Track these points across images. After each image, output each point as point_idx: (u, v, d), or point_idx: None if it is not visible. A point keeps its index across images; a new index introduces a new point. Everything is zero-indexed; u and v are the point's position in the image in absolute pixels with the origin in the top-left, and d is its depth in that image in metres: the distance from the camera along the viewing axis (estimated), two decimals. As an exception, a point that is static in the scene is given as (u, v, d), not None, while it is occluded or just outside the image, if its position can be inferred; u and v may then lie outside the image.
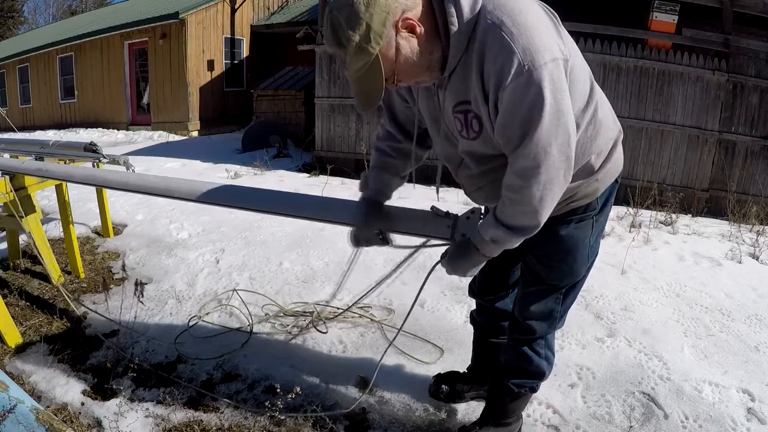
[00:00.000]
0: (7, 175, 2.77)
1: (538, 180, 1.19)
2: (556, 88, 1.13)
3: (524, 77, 1.11)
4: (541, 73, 1.10)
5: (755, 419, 1.92)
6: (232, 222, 4.15)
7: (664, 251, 3.75)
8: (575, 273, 1.56)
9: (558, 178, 1.21)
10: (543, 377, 1.70)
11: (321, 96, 7.42)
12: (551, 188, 1.21)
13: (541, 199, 1.22)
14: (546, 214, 1.25)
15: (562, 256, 1.52)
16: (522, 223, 1.27)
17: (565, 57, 1.16)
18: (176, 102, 12.41)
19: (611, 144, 1.42)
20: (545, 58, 1.11)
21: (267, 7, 14.16)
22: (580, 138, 1.31)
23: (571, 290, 1.60)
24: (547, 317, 1.62)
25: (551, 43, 1.14)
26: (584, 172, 1.39)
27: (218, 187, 1.93)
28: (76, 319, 2.67)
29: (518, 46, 1.10)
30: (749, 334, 2.55)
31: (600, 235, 1.57)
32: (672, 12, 5.88)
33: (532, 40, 1.10)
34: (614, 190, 1.51)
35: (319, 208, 1.82)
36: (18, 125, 13.30)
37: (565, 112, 1.16)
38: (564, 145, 1.18)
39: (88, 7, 30.88)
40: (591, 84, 1.33)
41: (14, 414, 1.09)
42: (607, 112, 1.40)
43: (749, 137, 5.86)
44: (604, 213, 1.52)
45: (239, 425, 1.89)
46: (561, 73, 1.14)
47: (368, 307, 2.76)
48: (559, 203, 1.39)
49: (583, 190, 1.42)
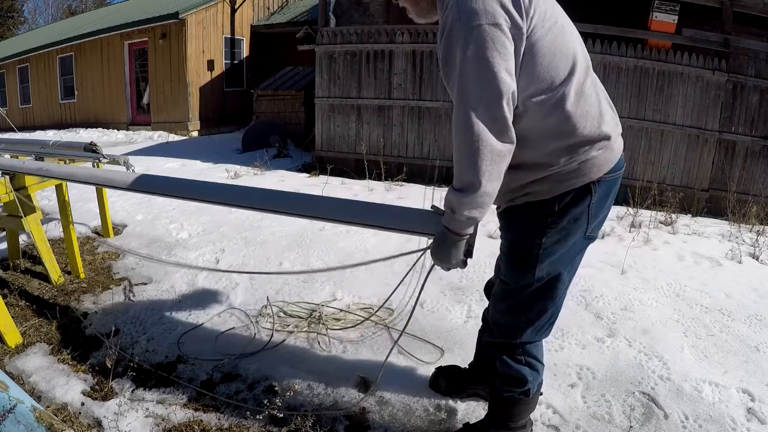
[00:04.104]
0: (7, 175, 2.77)
1: (470, 132, 1.24)
2: (488, 47, 1.22)
3: (459, 32, 1.24)
4: (473, 30, 1.22)
5: (755, 419, 1.92)
6: (231, 222, 4.15)
7: (664, 251, 3.75)
8: (524, 273, 1.50)
9: (489, 134, 1.23)
10: (525, 384, 1.63)
11: (321, 96, 7.41)
12: (486, 142, 1.23)
13: (476, 152, 1.23)
14: (487, 171, 1.24)
15: (512, 249, 1.53)
16: (463, 180, 1.28)
17: (516, 28, 1.25)
18: (176, 102, 12.41)
19: (586, 146, 1.36)
20: (481, 21, 1.22)
21: (267, 7, 14.16)
22: (539, 121, 1.34)
23: (535, 299, 1.53)
24: (508, 323, 1.59)
25: (496, 9, 1.23)
26: (543, 163, 1.37)
27: (222, 186, 1.93)
28: (76, 319, 2.67)
29: (461, 5, 1.25)
30: (749, 334, 2.55)
31: (563, 242, 1.45)
32: (672, 12, 5.88)
33: (475, 4, 1.23)
34: (587, 198, 1.40)
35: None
36: (18, 125, 13.31)
37: (497, 74, 1.22)
38: (492, 105, 1.23)
39: (88, 7, 30.88)
40: (570, 74, 1.32)
41: (14, 414, 1.09)
42: (588, 111, 1.35)
43: (749, 137, 5.86)
44: (568, 218, 1.41)
45: (239, 425, 1.89)
46: (499, 38, 1.22)
47: (369, 307, 2.77)
48: (517, 188, 1.43)
49: (541, 183, 1.40)
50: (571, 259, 1.51)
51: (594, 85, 1.40)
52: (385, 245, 3.67)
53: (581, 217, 1.43)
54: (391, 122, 7.08)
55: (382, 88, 7.06)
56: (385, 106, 7.07)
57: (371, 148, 6.98)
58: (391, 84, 7.00)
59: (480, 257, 2.86)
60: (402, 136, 7.05)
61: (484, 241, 3.66)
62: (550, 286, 1.52)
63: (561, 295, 1.56)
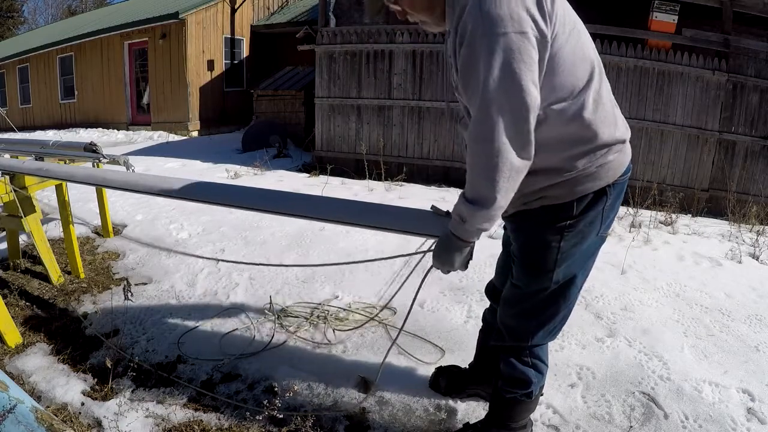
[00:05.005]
0: (7, 175, 2.77)
1: (491, 146, 1.19)
2: (514, 57, 1.16)
3: (482, 39, 1.17)
4: (499, 38, 1.16)
5: (755, 419, 1.92)
6: (231, 222, 4.15)
7: (664, 251, 3.75)
8: (540, 278, 1.49)
9: (510, 150, 1.19)
10: (529, 386, 1.63)
11: (321, 96, 7.42)
12: (506, 158, 1.19)
13: (495, 167, 1.20)
14: (503, 187, 1.22)
15: (527, 254, 1.50)
16: (478, 193, 1.25)
17: (541, 36, 1.19)
18: (176, 102, 12.41)
19: (603, 150, 1.37)
20: (507, 29, 1.15)
21: (267, 7, 14.16)
22: (560, 130, 1.31)
23: (549, 303, 1.52)
24: (519, 326, 1.58)
25: (523, 16, 1.17)
26: (560, 168, 1.36)
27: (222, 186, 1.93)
28: (76, 319, 2.67)
29: (484, 11, 1.17)
30: (749, 334, 2.55)
31: (579, 245, 1.45)
32: (672, 12, 5.88)
33: (499, 10, 1.16)
34: (602, 200, 1.41)
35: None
36: (18, 125, 13.30)
37: (523, 84, 1.17)
38: (519, 117, 1.18)
39: (88, 7, 30.88)
40: (588, 81, 1.32)
41: (14, 414, 1.09)
42: (605, 117, 1.36)
43: (749, 137, 5.86)
44: (585, 221, 1.42)
45: (239, 425, 1.89)
46: (525, 47, 1.17)
47: (370, 307, 2.77)
48: (530, 193, 1.40)
49: (558, 187, 1.38)
50: (585, 261, 1.52)
51: (607, 89, 1.40)
52: (386, 245, 3.67)
53: (596, 219, 1.43)
54: (391, 122, 7.08)
55: (382, 88, 7.06)
56: (385, 106, 7.07)
57: (371, 148, 6.98)
58: (391, 84, 7.00)
59: (480, 258, 2.85)
60: (402, 136, 7.05)
61: (485, 241, 3.66)
62: (565, 288, 1.51)
63: (574, 297, 1.55)
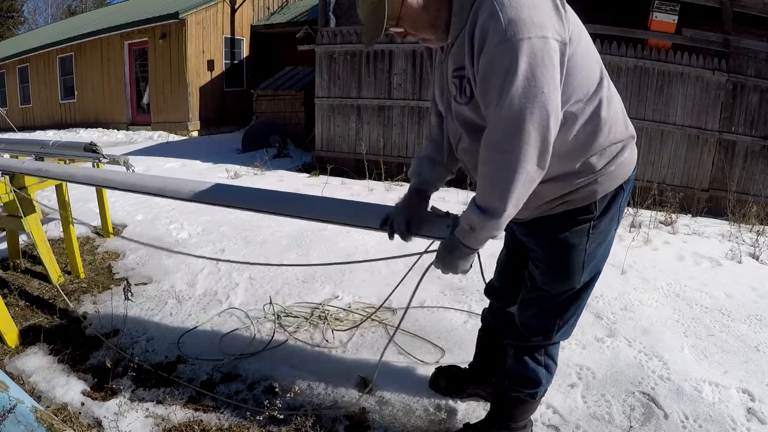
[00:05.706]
0: (7, 175, 2.77)
1: (512, 155, 1.17)
2: (537, 63, 1.13)
3: (504, 45, 1.13)
4: (521, 44, 1.12)
5: (755, 419, 1.92)
6: (231, 222, 4.15)
7: (664, 251, 3.75)
8: (567, 280, 1.50)
9: (528, 159, 1.17)
10: (538, 386, 1.65)
11: (321, 96, 7.42)
12: (524, 168, 1.17)
13: (512, 178, 1.18)
14: (516, 197, 1.21)
15: (554, 259, 1.49)
16: (492, 203, 1.23)
17: (561, 40, 1.17)
18: (176, 102, 12.41)
19: (619, 147, 1.38)
20: (531, 33, 1.12)
21: (267, 7, 14.16)
22: (579, 132, 1.30)
23: (572, 301, 1.55)
24: (542, 326, 1.59)
25: (544, 22, 1.15)
26: (582, 170, 1.36)
27: (222, 186, 1.93)
28: (76, 319, 2.67)
29: (505, 17, 1.13)
30: (749, 334, 2.55)
31: (603, 243, 1.49)
32: (672, 12, 5.88)
33: (520, 14, 1.13)
34: (619, 197, 1.44)
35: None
36: (18, 125, 13.29)
37: (546, 91, 1.14)
38: (541, 125, 1.15)
39: (88, 7, 30.88)
40: (600, 80, 1.32)
41: (14, 414, 1.09)
42: (616, 114, 1.37)
43: (749, 137, 5.86)
44: (606, 220, 1.44)
45: (239, 425, 1.89)
46: (548, 52, 1.14)
47: (370, 307, 2.76)
48: (553, 200, 1.40)
49: (581, 190, 1.38)
50: (606, 256, 1.55)
51: (613, 86, 1.41)
52: (386, 245, 3.66)
53: (615, 216, 1.46)
54: (391, 122, 7.08)
55: (382, 88, 7.06)
56: (385, 106, 7.07)
57: (371, 148, 6.98)
58: (391, 84, 7.00)
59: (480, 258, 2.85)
60: (402, 136, 7.05)
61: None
62: (587, 285, 1.55)
63: (592, 291, 1.60)
